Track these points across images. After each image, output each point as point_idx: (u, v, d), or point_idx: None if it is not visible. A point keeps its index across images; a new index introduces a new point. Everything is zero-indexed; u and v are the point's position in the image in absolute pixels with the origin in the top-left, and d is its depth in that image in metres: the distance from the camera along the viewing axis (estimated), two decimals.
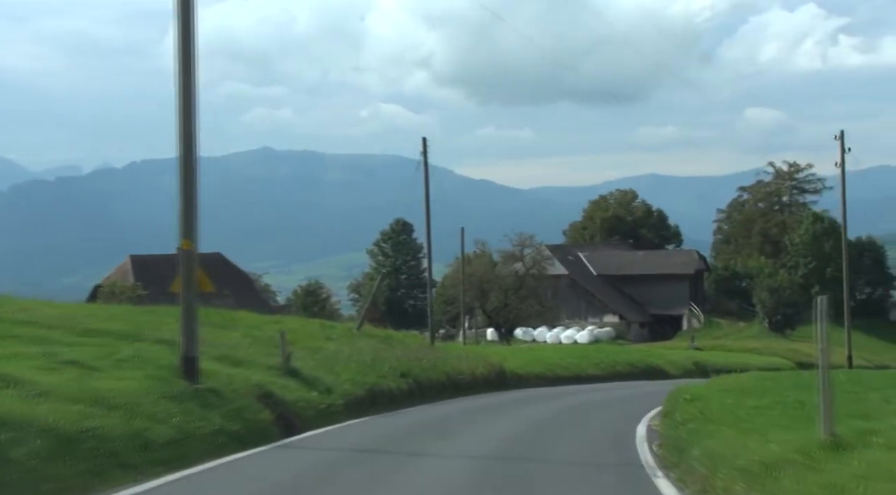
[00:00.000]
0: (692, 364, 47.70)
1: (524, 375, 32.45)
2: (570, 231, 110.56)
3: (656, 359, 45.52)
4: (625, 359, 42.10)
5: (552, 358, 37.45)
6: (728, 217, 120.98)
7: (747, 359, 55.99)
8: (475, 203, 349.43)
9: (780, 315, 79.97)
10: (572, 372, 36.42)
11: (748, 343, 73.65)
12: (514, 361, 33.98)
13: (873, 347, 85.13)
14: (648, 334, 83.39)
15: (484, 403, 23.37)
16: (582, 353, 41.10)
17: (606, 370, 39.15)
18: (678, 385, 23.53)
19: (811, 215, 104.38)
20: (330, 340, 27.37)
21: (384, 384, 21.50)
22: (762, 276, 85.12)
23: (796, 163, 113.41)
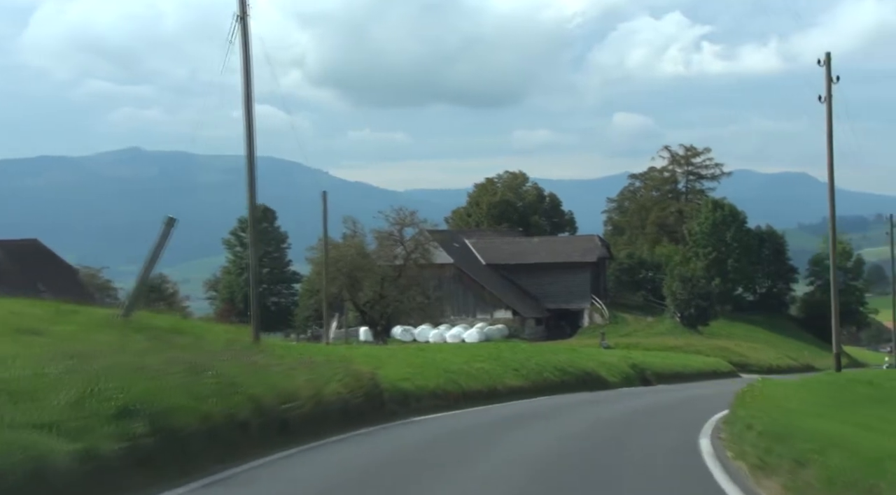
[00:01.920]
0: (629, 367, 35.18)
1: (414, 392, 18.82)
2: (452, 219, 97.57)
3: (586, 361, 32.65)
4: (550, 361, 29.04)
5: (453, 362, 24.01)
6: (619, 207, 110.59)
7: (687, 361, 44.23)
8: (351, 204, 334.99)
9: (693, 308, 68.94)
10: (485, 383, 23.00)
11: (664, 340, 62.14)
12: (396, 369, 20.37)
13: (779, 344, 75.25)
14: (545, 331, 71.22)
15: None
16: (493, 354, 27.71)
17: (531, 379, 25.90)
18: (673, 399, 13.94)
19: (710, 203, 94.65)
20: (36, 334, 13.43)
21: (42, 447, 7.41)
22: (672, 264, 74.08)
23: (693, 147, 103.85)
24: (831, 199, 35.78)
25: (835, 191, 35.66)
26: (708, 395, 27.58)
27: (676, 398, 25.54)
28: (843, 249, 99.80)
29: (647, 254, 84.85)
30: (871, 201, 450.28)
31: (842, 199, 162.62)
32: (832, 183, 36.09)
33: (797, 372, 63.48)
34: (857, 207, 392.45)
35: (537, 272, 75.78)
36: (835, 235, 35.27)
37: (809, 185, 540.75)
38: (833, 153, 34.78)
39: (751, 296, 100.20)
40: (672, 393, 28.76)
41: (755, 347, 63.68)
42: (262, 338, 25.08)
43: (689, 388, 33.66)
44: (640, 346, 57.00)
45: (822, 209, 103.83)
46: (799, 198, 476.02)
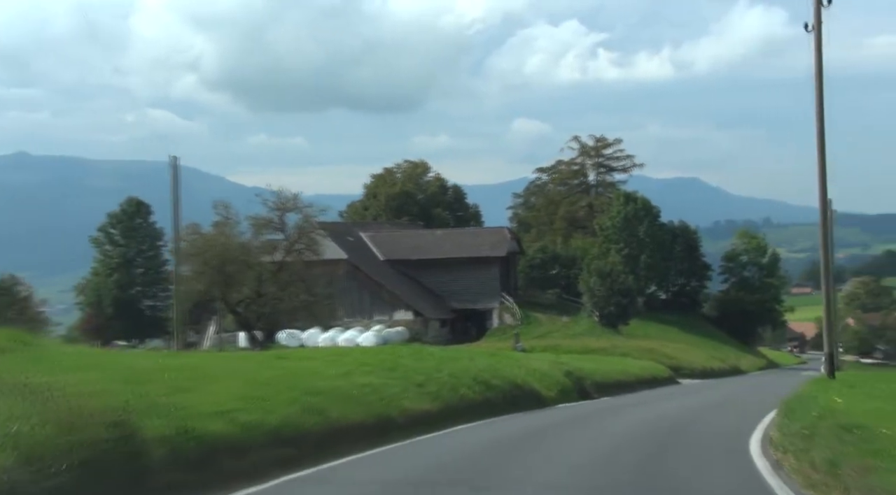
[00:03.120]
0: (563, 375, 26.92)
1: (232, 438, 10.00)
2: (348, 212, 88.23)
3: (512, 368, 24.19)
4: (467, 371, 20.51)
5: (324, 376, 15.37)
6: (525, 203, 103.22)
7: (624, 366, 36.39)
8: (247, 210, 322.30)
9: (612, 305, 61.58)
10: (372, 409, 14.35)
11: (585, 341, 54.38)
12: (220, 392, 11.63)
13: (698, 345, 68.74)
14: (450, 334, 62.87)
15: None
16: (388, 362, 19.02)
17: (444, 399, 17.27)
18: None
19: (622, 196, 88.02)
20: None
21: None
22: (589, 258, 66.64)
23: (603, 137, 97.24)
24: (822, 191, 28.17)
25: (826, 181, 27.91)
26: (684, 418, 19.56)
27: (660, 427, 17.33)
28: (757, 244, 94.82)
29: (561, 247, 77.45)
30: (761, 206, 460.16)
31: (731, 204, 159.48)
32: (823, 171, 28.50)
33: (728, 376, 57.02)
34: (747, 212, 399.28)
35: (441, 268, 67.37)
36: (826, 230, 27.60)
37: (701, 190, 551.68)
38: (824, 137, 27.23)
39: (664, 295, 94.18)
40: (636, 413, 20.69)
41: (681, 348, 56.69)
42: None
43: (644, 402, 25.71)
44: (560, 349, 49.11)
45: (715, 213, 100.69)
46: (692, 203, 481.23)
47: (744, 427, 17.16)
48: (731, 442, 14.59)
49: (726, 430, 16.55)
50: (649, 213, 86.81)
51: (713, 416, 19.54)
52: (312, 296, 47.67)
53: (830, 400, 14.51)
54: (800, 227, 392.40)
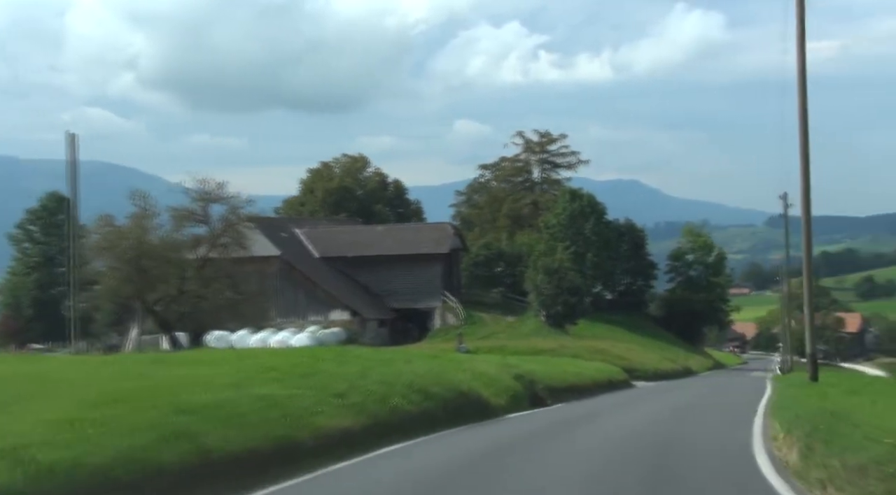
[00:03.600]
0: (513, 379, 23.47)
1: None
2: (284, 209, 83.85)
3: (456, 372, 20.64)
4: (401, 376, 16.91)
5: (210, 386, 11.67)
6: (468, 201, 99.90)
7: (578, 368, 33.13)
8: None
9: (560, 304, 58.45)
10: (271, 432, 10.65)
11: (532, 342, 51.11)
12: (51, 409, 7.81)
13: (647, 345, 66.15)
14: (390, 335, 59.27)
15: None
16: (303, 367, 15.34)
17: (370, 412, 13.57)
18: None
19: (568, 193, 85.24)
20: None
21: None
22: (535, 255, 63.43)
23: (548, 133, 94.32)
24: (805, 187, 25.12)
25: (809, 176, 24.98)
26: (664, 431, 16.26)
27: (643, 444, 13.90)
28: (703, 242, 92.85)
29: (506, 244, 74.20)
30: (699, 208, 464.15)
31: (670, 206, 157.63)
32: (807, 162, 25.70)
33: (681, 377, 54.29)
34: (685, 214, 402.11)
35: (381, 266, 63.69)
36: (809, 225, 24.70)
37: (641, 192, 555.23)
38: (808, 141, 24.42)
39: (610, 295, 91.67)
40: (604, 425, 17.30)
41: (632, 349, 53.79)
42: None
43: (607, 410, 22.42)
44: (507, 350, 45.78)
45: (655, 215, 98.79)
46: (632, 205, 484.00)
47: (735, 442, 13.95)
48: (739, 466, 11.25)
49: (723, 448, 13.22)
50: (595, 211, 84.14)
51: (696, 430, 16.23)
52: (239, 294, 43.59)
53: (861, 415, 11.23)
54: (737, 229, 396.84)
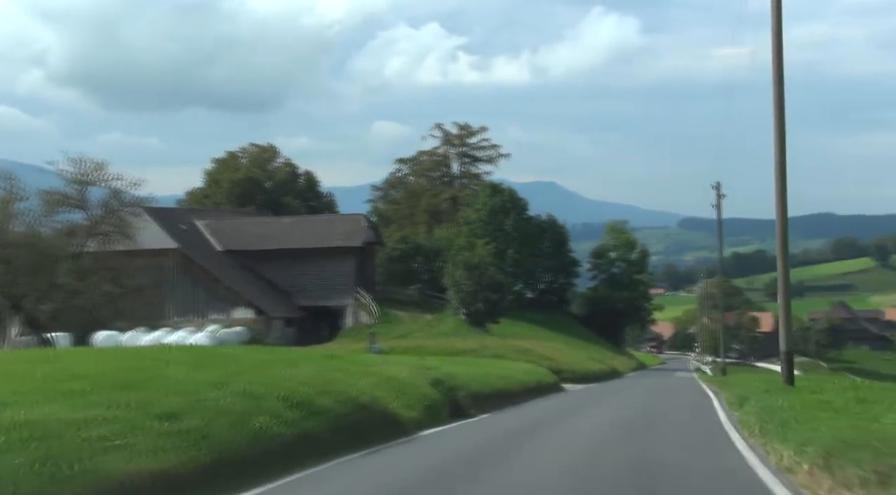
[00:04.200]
0: (430, 385, 19.16)
1: None
2: (187, 201, 77.93)
3: (357, 377, 16.20)
4: (278, 384, 12.46)
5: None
6: (385, 196, 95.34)
7: (504, 370, 29.02)
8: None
9: (481, 301, 54.46)
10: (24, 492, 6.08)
11: (451, 342, 46.87)
12: None
13: (571, 346, 62.82)
14: (298, 334, 54.42)
15: None
16: (132, 375, 10.67)
17: (216, 443, 9.07)
18: None
19: (488, 187, 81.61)
20: None
21: None
22: (455, 249, 59.31)
23: (467, 125, 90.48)
24: (781, 193, 21.05)
25: (786, 177, 21.25)
26: (633, 454, 12.19)
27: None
28: (626, 239, 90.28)
29: (424, 238, 69.89)
30: (615, 210, 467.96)
31: (587, 208, 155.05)
32: (783, 159, 21.21)
33: (608, 379, 50.87)
34: (602, 215, 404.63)
35: (288, 260, 58.75)
36: (783, 228, 20.97)
37: (558, 194, 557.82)
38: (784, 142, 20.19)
39: (531, 293, 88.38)
40: (548, 444, 13.09)
41: (558, 349, 50.12)
42: None
43: (545, 422, 18.28)
44: (424, 350, 41.53)
45: (573, 216, 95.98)
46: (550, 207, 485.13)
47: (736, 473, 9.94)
48: None
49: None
50: (516, 206, 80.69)
51: (670, 453, 12.16)
52: (120, 287, 38.16)
53: None
54: (651, 231, 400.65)
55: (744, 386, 25.44)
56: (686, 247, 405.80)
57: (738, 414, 17.61)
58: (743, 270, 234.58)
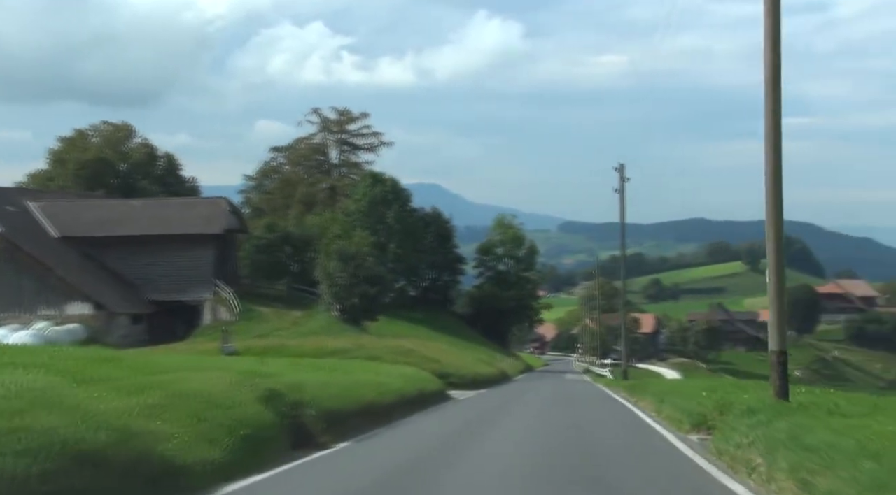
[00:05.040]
0: (260, 401, 12.73)
1: None
2: (27, 184, 68.14)
3: (121, 396, 9.64)
4: None
5: None
6: (258, 186, 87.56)
7: (378, 376, 22.67)
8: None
9: (357, 296, 47.99)
10: None
11: (321, 341, 40.10)
12: None
13: (454, 345, 57.17)
14: (148, 332, 46.76)
15: None
16: None
17: None
18: None
19: (369, 176, 75.21)
20: None
21: None
22: (329, 238, 52.59)
23: (347, 111, 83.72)
24: (776, 192, 15.12)
25: (779, 181, 15.07)
26: None
27: None
28: (514, 234, 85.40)
29: (294, 225, 62.60)
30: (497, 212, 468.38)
31: (471, 211, 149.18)
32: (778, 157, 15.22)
33: (499, 383, 45.28)
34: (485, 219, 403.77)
35: (137, 248, 50.84)
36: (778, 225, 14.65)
37: (442, 196, 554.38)
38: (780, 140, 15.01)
39: (413, 291, 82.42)
40: None
41: (445, 350, 44.10)
42: None
43: (438, 462, 12.15)
44: (287, 351, 34.88)
45: (456, 218, 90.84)
46: None
47: None
48: None
49: None
50: (399, 197, 74.60)
51: None
52: None
53: None
54: (532, 234, 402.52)
55: (672, 396, 19.94)
56: (566, 251, 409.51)
57: (716, 447, 11.85)
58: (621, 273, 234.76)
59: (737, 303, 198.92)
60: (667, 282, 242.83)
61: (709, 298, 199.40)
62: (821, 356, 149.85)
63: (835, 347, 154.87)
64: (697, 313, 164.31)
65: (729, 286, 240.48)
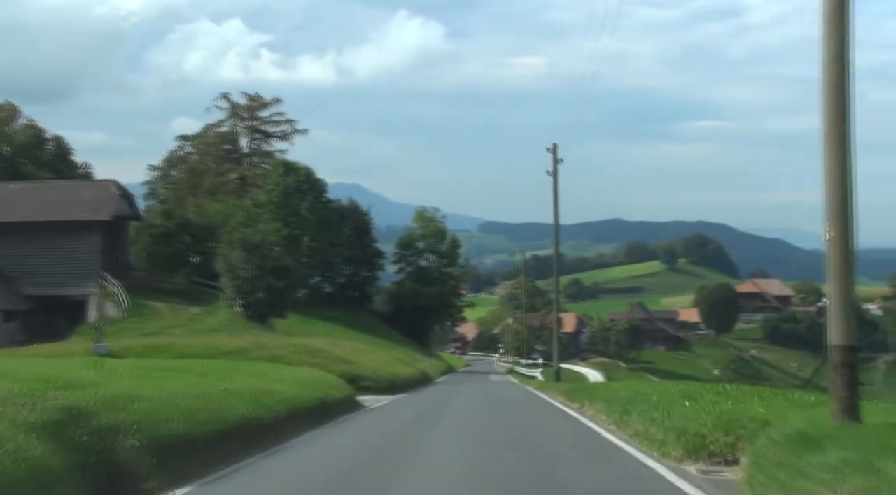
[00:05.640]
0: (31, 432, 8.01)
1: None
2: None
3: None
4: None
5: None
6: (164, 177, 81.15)
7: (267, 381, 17.71)
8: None
9: (262, 290, 42.81)
10: None
11: (218, 340, 34.77)
12: None
13: (373, 345, 52.50)
14: (24, 332, 40.73)
15: None
16: None
17: None
18: None
19: (282, 165, 69.84)
20: None
21: None
22: (232, 226, 47.24)
23: (258, 96, 78.04)
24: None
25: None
26: None
27: None
28: (436, 228, 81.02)
29: (194, 213, 56.70)
30: None
31: (392, 211, 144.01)
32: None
33: (421, 386, 40.79)
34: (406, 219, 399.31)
35: (14, 237, 44.69)
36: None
37: (364, 196, 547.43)
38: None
39: (329, 288, 77.33)
40: None
41: (360, 350, 39.33)
42: None
43: None
44: (173, 351, 29.77)
45: (377, 218, 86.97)
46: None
47: None
48: None
49: None
50: (314, 188, 69.39)
51: None
52: None
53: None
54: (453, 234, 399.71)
55: (634, 403, 15.65)
56: (486, 251, 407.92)
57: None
58: (543, 272, 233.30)
59: (655, 302, 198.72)
60: (587, 281, 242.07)
61: (628, 297, 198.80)
62: (739, 355, 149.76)
63: (752, 346, 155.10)
64: (618, 312, 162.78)
65: (647, 285, 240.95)
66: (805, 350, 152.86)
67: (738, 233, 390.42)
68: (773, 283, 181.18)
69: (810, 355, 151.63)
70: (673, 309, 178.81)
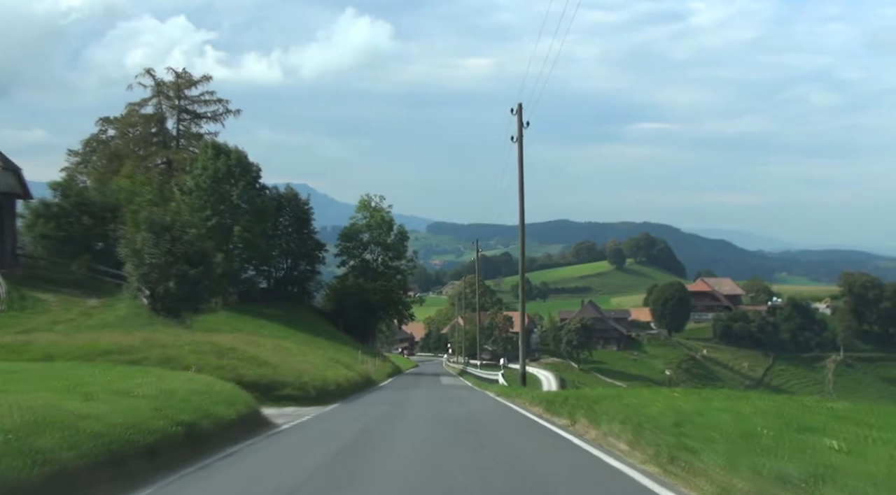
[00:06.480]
0: None
1: None
2: None
3: None
4: None
5: None
6: (84, 161, 72.97)
7: (87, 404, 10.30)
8: None
9: (174, 279, 35.56)
10: None
11: (112, 337, 27.49)
12: None
13: (310, 344, 45.69)
14: None
15: None
16: None
17: None
18: None
19: (210, 147, 62.42)
20: None
21: None
22: (139, 204, 39.86)
23: (187, 73, 70.32)
24: None
25: None
26: None
27: None
28: (381, 218, 74.15)
29: (96, 191, 48.89)
30: None
31: (340, 211, 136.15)
32: None
33: (363, 391, 34.03)
34: None
35: None
36: None
37: (311, 197, 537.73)
38: None
39: (265, 282, 70.21)
40: None
41: (287, 349, 32.43)
42: None
43: None
44: (28, 352, 22.58)
45: (325, 219, 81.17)
46: None
47: None
48: None
49: None
50: (247, 173, 62.09)
51: None
52: None
53: None
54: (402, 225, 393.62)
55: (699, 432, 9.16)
56: (434, 251, 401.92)
57: None
58: (491, 272, 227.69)
59: (604, 301, 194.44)
60: (535, 281, 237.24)
61: (577, 297, 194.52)
62: (690, 355, 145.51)
63: (703, 346, 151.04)
64: (568, 312, 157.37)
65: (596, 285, 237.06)
66: (757, 349, 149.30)
67: (683, 234, 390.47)
68: (723, 282, 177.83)
69: (762, 354, 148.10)
70: (623, 308, 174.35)
